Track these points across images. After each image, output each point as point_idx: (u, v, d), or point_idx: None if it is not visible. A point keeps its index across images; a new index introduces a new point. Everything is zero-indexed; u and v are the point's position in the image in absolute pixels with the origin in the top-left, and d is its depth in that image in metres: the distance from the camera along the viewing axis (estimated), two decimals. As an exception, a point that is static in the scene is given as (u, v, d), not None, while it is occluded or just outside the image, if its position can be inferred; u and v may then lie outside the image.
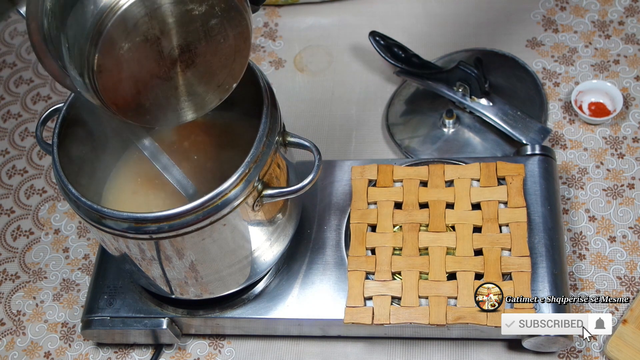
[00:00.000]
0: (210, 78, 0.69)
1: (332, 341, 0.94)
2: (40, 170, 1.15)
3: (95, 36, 0.60)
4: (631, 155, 1.02)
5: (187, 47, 0.65)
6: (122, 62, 0.63)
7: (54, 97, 1.23)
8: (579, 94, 1.06)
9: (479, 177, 0.93)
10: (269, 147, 0.75)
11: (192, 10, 0.63)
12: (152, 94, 0.67)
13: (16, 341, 1.00)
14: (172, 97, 0.68)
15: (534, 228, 0.89)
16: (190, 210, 0.72)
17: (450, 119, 1.05)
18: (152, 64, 0.64)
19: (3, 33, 1.32)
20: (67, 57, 0.64)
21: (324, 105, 1.15)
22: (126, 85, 0.64)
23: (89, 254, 1.06)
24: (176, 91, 0.68)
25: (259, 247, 0.83)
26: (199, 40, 0.65)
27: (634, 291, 0.92)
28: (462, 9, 1.21)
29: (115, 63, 0.62)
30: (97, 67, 0.62)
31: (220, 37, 0.66)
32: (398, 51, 1.09)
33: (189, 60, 0.66)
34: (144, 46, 0.63)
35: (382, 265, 0.88)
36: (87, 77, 0.63)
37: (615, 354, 0.87)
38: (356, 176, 0.95)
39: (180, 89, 0.68)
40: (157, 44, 0.63)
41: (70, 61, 0.64)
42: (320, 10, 1.25)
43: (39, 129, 0.85)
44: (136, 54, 0.63)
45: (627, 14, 1.15)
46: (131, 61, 0.63)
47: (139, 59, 0.63)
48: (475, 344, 0.91)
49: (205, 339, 0.96)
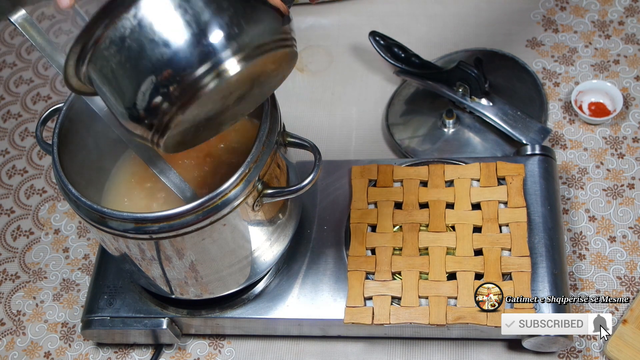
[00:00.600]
0: (240, 110, 0.70)
1: (332, 341, 0.94)
2: (40, 170, 1.15)
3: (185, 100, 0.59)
4: (631, 155, 1.02)
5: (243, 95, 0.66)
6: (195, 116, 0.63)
7: (54, 97, 1.23)
8: (579, 94, 1.06)
9: (479, 177, 0.93)
10: (269, 147, 0.75)
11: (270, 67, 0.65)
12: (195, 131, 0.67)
13: (16, 341, 1.00)
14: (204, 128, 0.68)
15: (534, 228, 0.89)
16: (190, 210, 0.72)
17: (450, 119, 1.05)
18: (211, 108, 0.65)
19: (3, 33, 1.32)
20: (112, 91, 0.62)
21: (324, 105, 1.15)
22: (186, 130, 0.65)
23: (89, 254, 1.06)
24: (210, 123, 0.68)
25: (259, 247, 0.83)
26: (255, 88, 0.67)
27: (634, 291, 0.92)
28: (462, 9, 1.21)
29: (191, 119, 0.63)
30: (174, 124, 0.61)
31: (271, 82, 0.69)
32: (398, 51, 1.09)
33: (240, 99, 0.67)
34: (218, 101, 0.64)
35: (382, 265, 0.88)
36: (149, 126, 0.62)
37: (615, 354, 0.87)
38: (356, 176, 0.95)
39: (218, 122, 0.69)
40: (228, 97, 0.64)
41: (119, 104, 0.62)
42: (320, 11, 1.25)
43: (39, 129, 0.85)
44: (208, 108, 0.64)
45: (627, 14, 1.15)
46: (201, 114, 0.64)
47: (207, 111, 0.64)
48: (475, 344, 0.91)
49: (205, 339, 0.96)
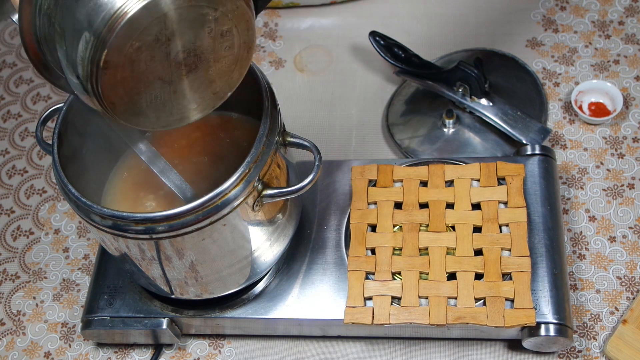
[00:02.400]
0: (208, 85, 0.68)
1: (332, 341, 0.94)
2: (40, 170, 1.15)
3: (105, 32, 0.59)
4: (631, 155, 1.02)
5: (193, 52, 0.64)
6: (128, 61, 0.61)
7: (54, 97, 1.23)
8: (579, 94, 1.06)
9: (479, 177, 0.93)
10: (269, 147, 0.75)
11: (207, 15, 0.62)
12: (151, 96, 0.66)
13: (16, 341, 1.00)
14: (169, 100, 0.67)
15: (534, 228, 0.89)
16: (190, 210, 0.72)
17: (450, 119, 1.05)
18: (157, 65, 0.63)
19: (3, 33, 1.32)
20: (63, 55, 0.63)
21: (324, 105, 1.15)
22: (128, 85, 0.63)
23: (89, 254, 1.06)
24: (174, 95, 0.67)
25: (259, 247, 0.83)
26: (206, 46, 0.65)
27: (634, 291, 0.92)
28: (462, 9, 1.21)
29: (122, 60, 0.61)
30: (103, 64, 0.60)
31: (227, 43, 0.66)
32: (398, 51, 1.09)
33: (192, 64, 0.65)
34: (153, 46, 0.62)
35: (382, 265, 0.88)
36: (88, 74, 0.62)
37: (615, 354, 0.87)
38: (356, 176, 0.95)
39: (178, 93, 0.67)
40: (166, 45, 0.62)
41: (67, 60, 0.63)
42: (320, 11, 1.25)
43: (39, 129, 0.85)
44: (144, 54, 0.62)
45: (627, 14, 1.15)
46: (137, 60, 0.62)
47: (145, 59, 0.62)
48: (475, 344, 0.91)
49: (205, 339, 0.96)
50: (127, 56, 0.61)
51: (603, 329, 0.90)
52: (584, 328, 0.91)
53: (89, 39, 0.60)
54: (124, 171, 0.90)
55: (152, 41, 0.61)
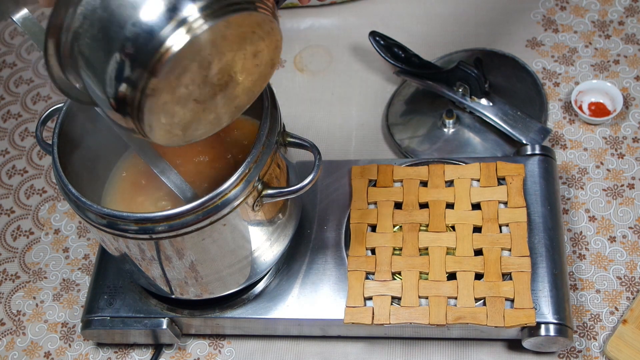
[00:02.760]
0: (233, 100, 0.68)
1: (332, 341, 0.94)
2: (40, 170, 1.15)
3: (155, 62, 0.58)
4: (631, 155, 1.02)
5: (227, 72, 0.64)
6: (172, 86, 0.61)
7: (54, 97, 1.23)
8: (579, 94, 1.06)
9: (479, 177, 0.93)
10: (269, 147, 0.75)
11: (246, 39, 0.62)
12: (185, 117, 0.65)
13: (16, 341, 1.00)
14: (198, 119, 0.67)
15: (534, 228, 0.89)
16: (190, 210, 0.72)
17: (450, 119, 1.05)
18: (195, 87, 0.63)
19: (3, 33, 1.32)
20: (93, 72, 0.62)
21: (324, 105, 1.15)
22: (167, 108, 0.63)
23: (89, 254, 1.06)
24: (203, 113, 0.66)
25: (259, 247, 0.83)
26: (239, 66, 0.64)
27: (634, 291, 0.92)
28: (462, 9, 1.21)
29: (167, 87, 0.61)
30: (150, 90, 0.59)
31: (257, 62, 0.66)
32: (398, 51, 1.09)
33: (224, 84, 0.65)
34: (195, 71, 0.61)
35: (382, 265, 0.88)
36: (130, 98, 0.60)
37: (615, 354, 0.87)
38: (356, 176, 0.95)
39: (207, 111, 0.67)
40: (206, 69, 0.62)
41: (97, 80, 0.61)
42: (320, 11, 1.25)
43: (39, 129, 0.85)
44: (186, 79, 0.61)
45: (627, 14, 1.15)
46: (179, 85, 0.61)
47: (186, 83, 0.62)
48: (475, 344, 0.91)
49: (205, 339, 0.96)
50: (171, 82, 0.60)
51: (603, 329, 0.90)
52: (584, 328, 0.91)
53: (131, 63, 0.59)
54: (124, 171, 0.90)
55: (196, 67, 0.61)
